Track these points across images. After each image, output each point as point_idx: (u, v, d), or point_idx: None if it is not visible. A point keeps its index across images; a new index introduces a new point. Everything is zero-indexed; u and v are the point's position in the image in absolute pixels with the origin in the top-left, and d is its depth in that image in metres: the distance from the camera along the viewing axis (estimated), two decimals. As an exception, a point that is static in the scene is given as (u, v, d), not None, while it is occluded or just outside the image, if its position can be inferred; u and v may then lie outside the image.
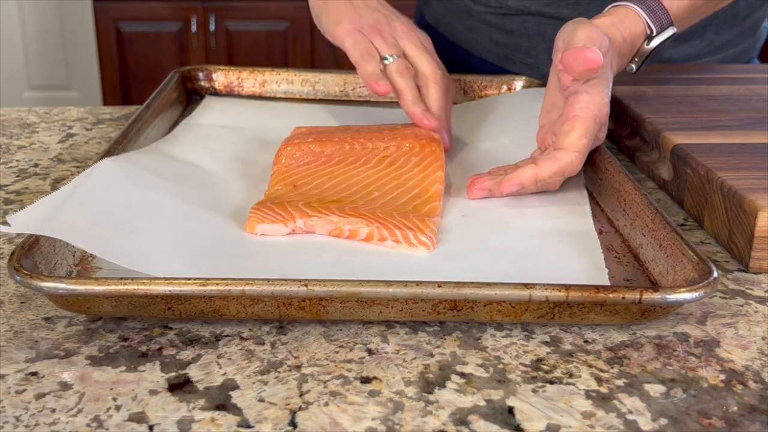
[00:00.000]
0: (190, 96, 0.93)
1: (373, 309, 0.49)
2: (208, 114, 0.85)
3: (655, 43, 0.71)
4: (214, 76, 0.94)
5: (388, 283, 0.48)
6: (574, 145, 0.64)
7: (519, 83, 0.92)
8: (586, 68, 0.63)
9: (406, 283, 0.48)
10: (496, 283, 0.48)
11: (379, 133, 0.71)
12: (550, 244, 0.59)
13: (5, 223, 0.51)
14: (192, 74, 0.94)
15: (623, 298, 0.48)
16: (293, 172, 0.67)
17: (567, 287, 0.48)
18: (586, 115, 0.64)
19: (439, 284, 0.48)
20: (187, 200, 0.62)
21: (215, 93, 0.94)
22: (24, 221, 0.51)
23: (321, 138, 0.70)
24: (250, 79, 0.95)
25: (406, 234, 0.58)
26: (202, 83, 0.94)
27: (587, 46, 0.63)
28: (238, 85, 0.95)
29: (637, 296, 0.48)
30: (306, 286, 0.47)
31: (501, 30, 0.64)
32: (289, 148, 0.69)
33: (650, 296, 0.48)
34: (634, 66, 0.73)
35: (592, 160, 0.71)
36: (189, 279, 0.47)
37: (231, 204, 0.64)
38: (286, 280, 0.47)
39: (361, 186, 0.65)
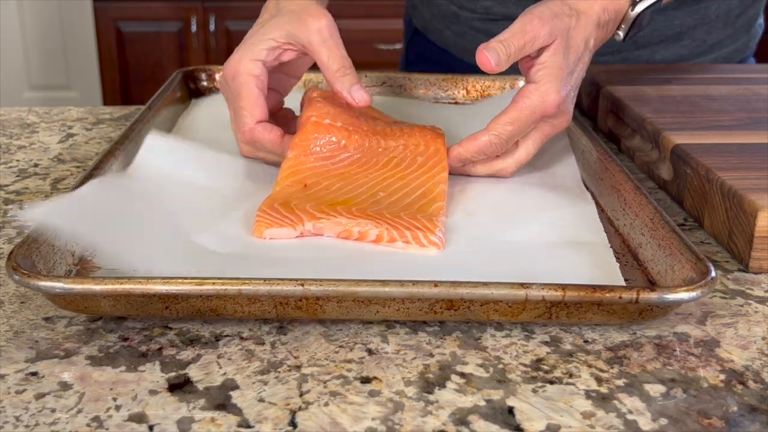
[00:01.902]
0: (193, 96, 0.93)
1: (370, 308, 0.49)
2: (202, 115, 0.84)
3: (640, 8, 0.70)
4: (216, 76, 0.94)
5: (384, 282, 0.48)
6: (495, 128, 0.65)
7: (521, 83, 0.92)
8: (483, 68, 0.64)
9: (402, 283, 0.48)
10: (492, 283, 0.48)
11: (393, 130, 0.69)
12: (558, 241, 0.59)
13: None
14: (195, 74, 0.94)
15: (620, 297, 0.48)
16: (307, 167, 0.65)
17: (564, 287, 0.48)
18: (522, 104, 0.65)
19: (435, 284, 0.48)
20: (191, 203, 0.62)
21: (218, 93, 0.94)
22: (35, 213, 0.51)
23: (347, 126, 0.68)
24: (251, 80, 0.95)
25: (416, 234, 0.58)
26: (205, 83, 0.94)
27: (489, 45, 0.64)
28: (240, 85, 0.95)
29: (634, 296, 0.48)
30: (302, 285, 0.47)
31: (488, 35, 0.64)
32: (315, 135, 0.67)
33: (647, 296, 0.48)
34: (621, 33, 0.72)
35: (592, 158, 0.71)
36: (186, 278, 0.47)
37: (235, 205, 0.64)
38: (282, 279, 0.47)
39: (366, 187, 0.64)
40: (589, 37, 0.68)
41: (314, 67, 0.71)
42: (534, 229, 0.61)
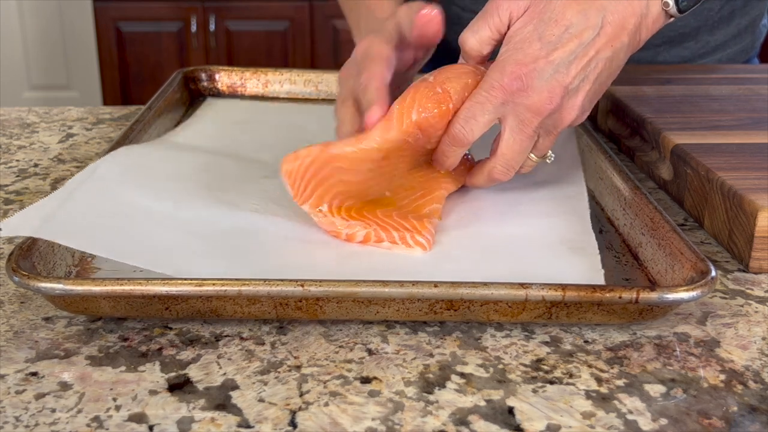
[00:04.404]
0: (193, 97, 0.93)
1: (369, 309, 0.49)
2: (211, 113, 0.85)
3: None
4: (216, 76, 0.94)
5: (385, 283, 0.48)
6: (458, 113, 0.60)
7: None
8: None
9: (402, 283, 0.48)
10: (492, 283, 0.48)
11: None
12: (547, 244, 0.59)
13: None
14: (195, 75, 0.94)
15: (620, 297, 0.48)
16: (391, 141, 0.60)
17: (564, 287, 0.48)
18: (482, 82, 0.59)
19: (435, 284, 0.48)
20: (190, 195, 0.62)
21: (218, 93, 0.94)
22: (17, 224, 0.51)
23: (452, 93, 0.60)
24: (252, 80, 0.95)
25: (403, 235, 0.58)
26: (205, 84, 0.94)
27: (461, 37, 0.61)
28: (241, 86, 0.95)
29: (634, 296, 0.48)
30: (302, 286, 0.47)
31: None
32: (432, 113, 0.59)
33: (647, 296, 0.48)
34: (670, 2, 0.60)
35: (592, 159, 0.71)
36: (185, 279, 0.47)
37: (235, 199, 0.64)
38: (282, 280, 0.47)
39: (380, 184, 0.62)
40: (595, 10, 0.57)
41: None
42: (523, 233, 0.61)
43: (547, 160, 0.64)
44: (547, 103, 0.57)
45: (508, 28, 0.59)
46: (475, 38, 0.61)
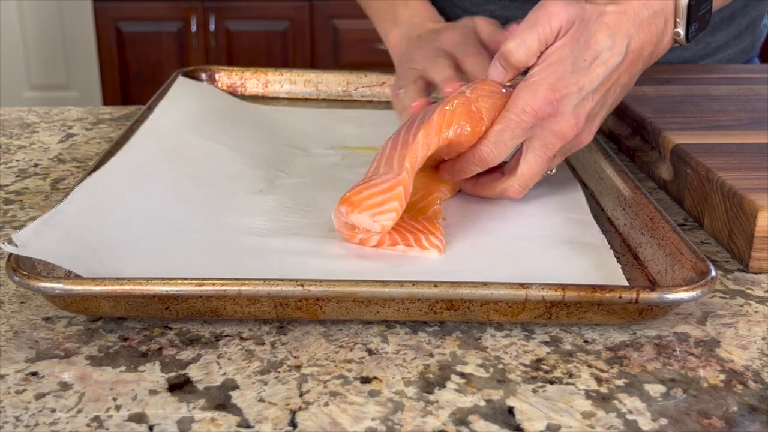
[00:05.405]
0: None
1: (369, 309, 0.49)
2: (188, 99, 0.83)
3: None
4: (216, 76, 0.94)
5: (385, 283, 0.48)
6: (486, 134, 0.61)
7: None
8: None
9: (402, 283, 0.48)
10: (492, 283, 0.48)
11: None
12: (558, 242, 0.59)
13: (11, 243, 0.50)
14: (195, 75, 0.94)
15: (620, 297, 0.48)
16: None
17: (563, 287, 0.48)
18: (511, 103, 0.59)
19: (435, 284, 0.48)
20: (184, 201, 0.62)
21: None
22: (25, 240, 0.51)
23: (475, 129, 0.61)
24: (252, 80, 0.95)
25: (417, 237, 0.58)
26: (205, 84, 0.94)
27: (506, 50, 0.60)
28: (241, 86, 0.95)
29: (634, 296, 0.48)
30: (302, 286, 0.47)
31: None
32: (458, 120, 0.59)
33: (647, 296, 0.48)
34: (680, 30, 0.61)
35: (592, 158, 0.71)
36: (186, 279, 0.47)
37: (231, 200, 0.64)
38: (282, 280, 0.47)
39: None
40: (622, 36, 0.58)
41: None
42: (532, 231, 0.61)
43: (549, 173, 0.65)
44: (573, 129, 0.59)
45: (555, 40, 0.59)
46: (522, 49, 0.60)
